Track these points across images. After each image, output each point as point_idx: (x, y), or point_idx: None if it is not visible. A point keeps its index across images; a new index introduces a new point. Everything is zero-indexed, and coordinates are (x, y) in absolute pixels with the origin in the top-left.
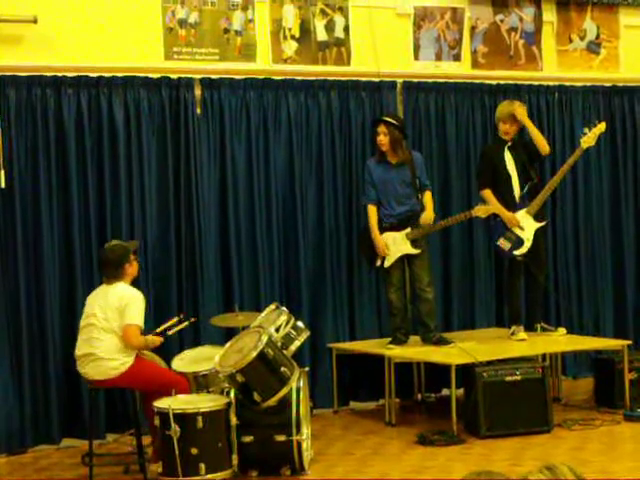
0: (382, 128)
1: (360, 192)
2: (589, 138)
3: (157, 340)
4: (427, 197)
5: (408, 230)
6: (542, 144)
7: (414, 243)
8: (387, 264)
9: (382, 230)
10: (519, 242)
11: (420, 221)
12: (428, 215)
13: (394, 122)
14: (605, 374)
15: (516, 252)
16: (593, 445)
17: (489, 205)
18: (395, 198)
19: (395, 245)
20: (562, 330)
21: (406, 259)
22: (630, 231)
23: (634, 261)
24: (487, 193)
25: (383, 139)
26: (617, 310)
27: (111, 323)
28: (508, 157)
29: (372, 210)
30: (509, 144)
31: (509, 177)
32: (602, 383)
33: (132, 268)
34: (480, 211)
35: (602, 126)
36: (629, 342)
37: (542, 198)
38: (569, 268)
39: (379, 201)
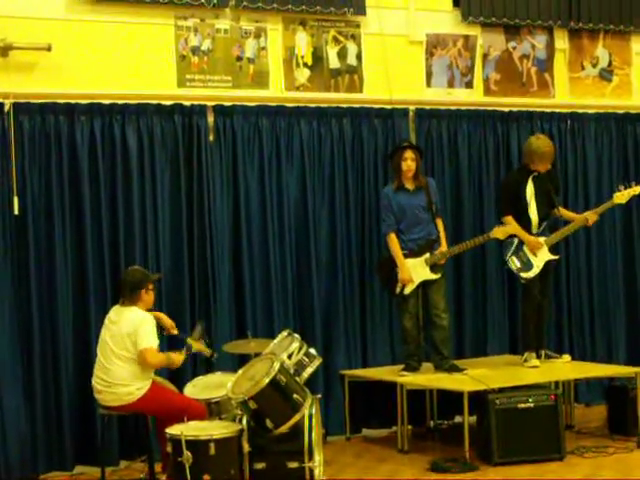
0: (410, 154)
1: (373, 219)
2: (622, 195)
3: (180, 358)
4: (440, 225)
5: (427, 255)
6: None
7: (433, 269)
8: (408, 291)
9: None
10: (529, 265)
11: (437, 252)
12: (444, 244)
13: (419, 148)
14: (618, 401)
15: (522, 274)
16: (606, 472)
17: (507, 227)
18: (415, 224)
19: (415, 271)
20: (567, 357)
21: (421, 285)
22: None
23: None
24: (509, 219)
25: (412, 165)
26: (630, 337)
27: (125, 350)
28: (530, 185)
29: (394, 238)
30: (535, 174)
31: (528, 204)
32: (615, 410)
33: (148, 296)
34: (499, 232)
35: (638, 189)
36: None
37: (562, 234)
38: (582, 296)
39: (398, 228)
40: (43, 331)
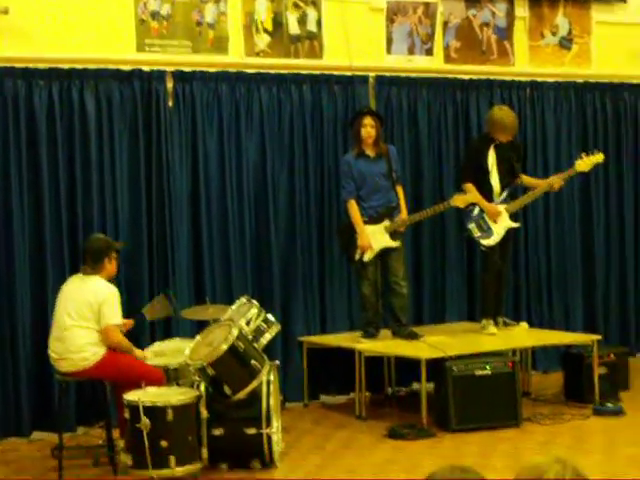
0: (370, 120)
1: (332, 185)
2: (584, 163)
3: (139, 355)
4: (401, 193)
5: (387, 223)
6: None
7: (393, 236)
8: (367, 258)
9: None
10: (489, 233)
11: (397, 219)
12: (404, 212)
13: (379, 115)
14: (575, 369)
15: (483, 242)
16: (562, 439)
17: (467, 195)
18: (375, 191)
19: (375, 238)
20: (524, 324)
21: (381, 253)
22: (600, 225)
23: (603, 256)
24: (470, 186)
25: (371, 131)
26: (586, 305)
27: (83, 319)
28: (492, 153)
29: (354, 205)
30: (497, 142)
31: (489, 172)
32: (571, 378)
33: (111, 265)
34: (458, 200)
35: (600, 157)
36: (598, 337)
37: (523, 201)
38: (540, 263)
39: (358, 195)
40: (0, 299)
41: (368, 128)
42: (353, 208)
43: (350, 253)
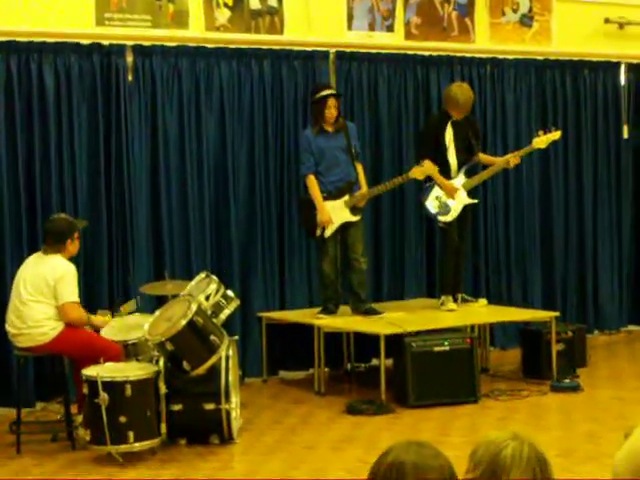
0: (334, 102)
1: (292, 160)
2: (541, 140)
3: (101, 320)
4: (360, 169)
5: (347, 197)
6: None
7: (353, 211)
8: (328, 233)
9: None
10: (446, 209)
11: (356, 194)
12: (364, 188)
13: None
14: (533, 345)
15: (440, 218)
16: (520, 415)
17: (425, 167)
18: (334, 166)
19: (335, 213)
20: (483, 301)
21: (340, 229)
22: (560, 202)
23: (562, 234)
24: (427, 162)
25: (334, 112)
26: (545, 282)
27: (41, 294)
28: (449, 129)
29: (313, 180)
30: (454, 119)
31: (447, 149)
32: (530, 354)
33: (73, 246)
34: (417, 173)
35: (557, 134)
36: (556, 314)
37: (481, 178)
38: (499, 240)
39: (317, 170)
40: None
41: (332, 109)
42: (312, 183)
43: (310, 229)
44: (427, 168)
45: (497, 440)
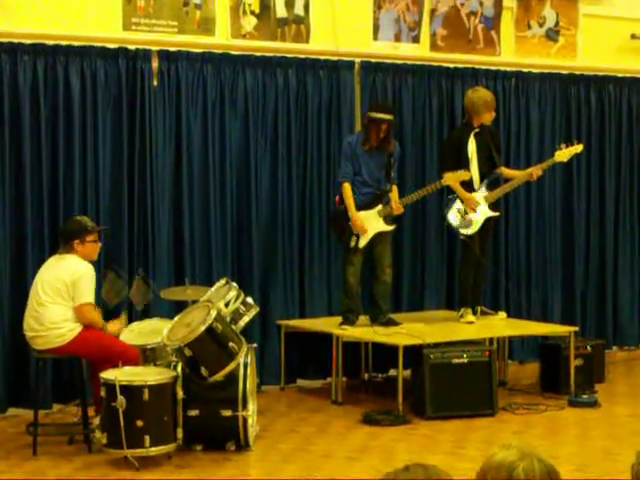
0: (386, 127)
1: (314, 170)
2: (563, 153)
3: (115, 329)
4: (394, 190)
5: (380, 207)
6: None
7: (386, 220)
8: (362, 244)
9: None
10: (468, 222)
11: (390, 203)
12: (396, 205)
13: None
14: (551, 360)
15: (462, 230)
16: (536, 430)
17: (459, 173)
18: (370, 178)
19: (369, 223)
20: (502, 314)
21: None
22: (581, 217)
23: (583, 249)
24: (463, 171)
25: (382, 136)
26: (565, 296)
27: (59, 296)
28: (472, 141)
29: (348, 188)
30: (476, 130)
31: (469, 161)
32: (548, 369)
33: (83, 247)
34: (450, 179)
35: (579, 147)
36: (575, 328)
37: (503, 190)
38: (519, 253)
39: (353, 179)
40: None
41: (381, 133)
42: (348, 191)
43: (345, 239)
44: (461, 174)
45: (505, 462)
